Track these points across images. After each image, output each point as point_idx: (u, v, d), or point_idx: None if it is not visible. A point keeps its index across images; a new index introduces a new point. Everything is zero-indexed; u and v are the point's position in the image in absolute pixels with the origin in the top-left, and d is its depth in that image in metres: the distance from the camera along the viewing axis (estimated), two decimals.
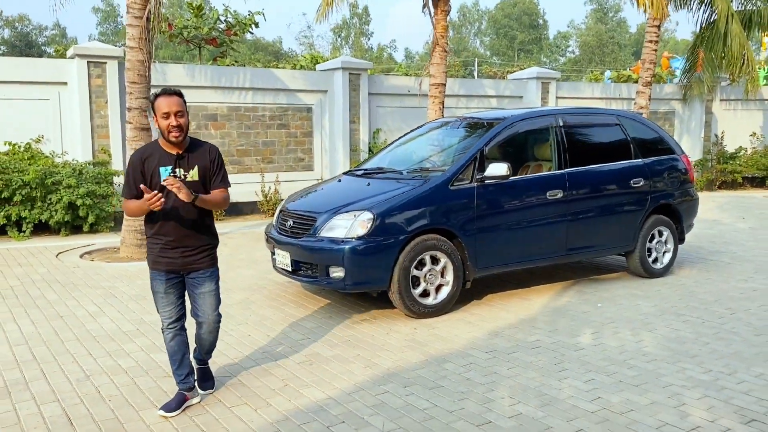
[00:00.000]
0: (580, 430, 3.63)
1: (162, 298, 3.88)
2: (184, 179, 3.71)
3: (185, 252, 3.81)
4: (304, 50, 63.77)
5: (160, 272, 3.84)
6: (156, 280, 3.86)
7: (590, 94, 16.36)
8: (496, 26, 67.35)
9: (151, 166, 3.73)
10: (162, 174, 3.71)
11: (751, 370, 4.51)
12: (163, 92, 3.71)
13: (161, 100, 3.67)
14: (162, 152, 3.76)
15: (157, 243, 3.82)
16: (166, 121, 3.66)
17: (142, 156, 3.78)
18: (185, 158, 3.77)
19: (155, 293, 3.90)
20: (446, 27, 10.99)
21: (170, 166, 3.72)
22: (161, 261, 3.82)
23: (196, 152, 3.82)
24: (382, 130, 13.82)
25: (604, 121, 7.07)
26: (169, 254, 3.80)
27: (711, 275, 7.30)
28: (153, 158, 3.75)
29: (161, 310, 3.91)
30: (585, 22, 72.84)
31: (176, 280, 3.87)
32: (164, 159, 3.74)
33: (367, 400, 4.04)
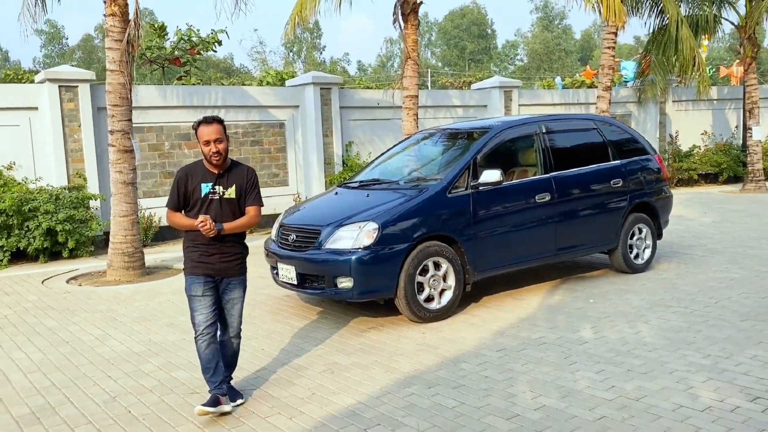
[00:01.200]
0: (603, 416, 3.86)
1: (199, 300, 4.14)
2: (222, 195, 4.14)
3: (222, 258, 4.17)
4: (257, 66, 63.64)
5: (199, 276, 4.14)
6: (195, 284, 4.15)
7: (550, 100, 16.89)
8: (447, 37, 68.41)
9: (194, 182, 4.14)
10: (203, 189, 4.13)
11: (745, 352, 4.83)
12: (204, 121, 4.13)
13: (203, 129, 4.09)
14: (205, 171, 4.18)
15: (196, 250, 4.17)
16: (207, 148, 4.08)
17: (187, 172, 4.21)
18: (225, 177, 4.18)
19: (192, 297, 4.16)
20: (416, 41, 11.27)
21: (211, 182, 4.13)
22: (200, 266, 4.15)
23: (235, 172, 4.24)
24: (355, 142, 14.00)
25: (582, 126, 7.42)
26: (208, 260, 4.14)
27: (689, 268, 7.69)
28: (197, 175, 4.17)
29: (198, 313, 4.15)
30: (531, 31, 74.61)
31: (212, 284, 4.18)
32: (206, 176, 4.16)
33: (396, 402, 4.19)
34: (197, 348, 4.16)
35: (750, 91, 15.68)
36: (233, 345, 4.39)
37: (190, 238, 4.20)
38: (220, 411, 4.06)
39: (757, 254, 8.29)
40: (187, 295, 4.19)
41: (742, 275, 7.20)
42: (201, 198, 4.12)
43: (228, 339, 4.36)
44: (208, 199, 4.13)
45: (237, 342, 4.41)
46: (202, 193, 4.12)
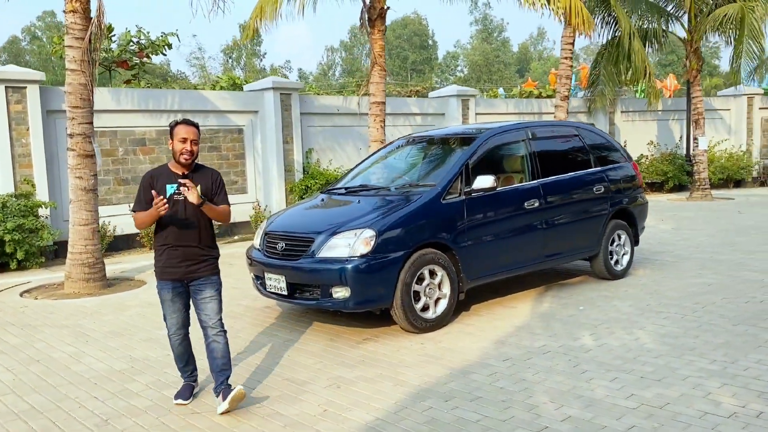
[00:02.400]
0: (632, 426, 3.77)
1: (169, 305, 4.28)
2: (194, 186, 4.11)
3: (189, 264, 4.22)
4: (196, 72, 62.28)
5: (166, 281, 4.25)
6: (163, 289, 4.27)
7: (505, 109, 17.07)
8: (389, 47, 68.61)
9: (159, 184, 4.19)
10: (168, 190, 4.16)
11: (749, 357, 4.86)
12: (183, 121, 4.25)
13: (182, 127, 4.19)
14: (170, 172, 4.24)
15: (162, 254, 4.24)
16: (182, 145, 4.16)
17: (152, 175, 4.28)
18: (189, 178, 4.18)
19: (163, 301, 4.30)
20: (383, 46, 11.13)
21: (176, 184, 4.14)
22: (167, 271, 4.24)
23: (200, 174, 4.30)
24: (315, 149, 13.75)
25: (565, 132, 7.44)
26: (173, 264, 4.21)
27: (664, 274, 7.80)
28: (162, 177, 4.22)
29: (168, 316, 4.30)
30: (471, 42, 75.87)
31: (181, 289, 4.26)
32: (171, 178, 4.21)
33: (416, 417, 4.00)
34: (170, 344, 4.38)
35: (696, 103, 16.25)
36: (219, 344, 4.25)
37: (160, 241, 4.26)
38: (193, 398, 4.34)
39: (724, 259, 8.49)
40: (159, 298, 4.32)
41: (718, 280, 7.34)
42: (165, 199, 4.09)
43: (212, 340, 4.24)
44: (173, 200, 4.14)
45: (222, 341, 4.27)
46: (167, 194, 4.14)
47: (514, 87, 55.73)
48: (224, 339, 4.27)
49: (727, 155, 19.01)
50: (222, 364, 4.24)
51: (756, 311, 6.06)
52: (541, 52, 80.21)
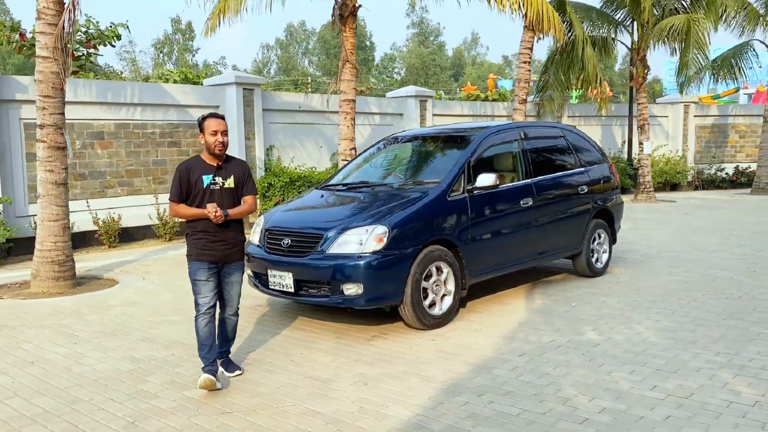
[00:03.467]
0: (668, 416, 3.90)
1: (203, 284, 4.47)
2: (222, 185, 4.48)
3: (225, 245, 4.51)
4: (126, 66, 60.13)
5: (204, 262, 4.47)
6: (200, 269, 4.47)
7: (460, 111, 17.33)
8: (326, 46, 68.38)
9: (195, 175, 4.46)
10: (204, 181, 4.45)
11: (749, 349, 5.10)
12: (211, 115, 4.55)
13: (211, 121, 4.48)
14: (204, 164, 4.52)
15: (201, 238, 4.47)
16: (214, 138, 4.44)
17: (188, 166, 4.51)
18: (223, 169, 4.53)
19: (197, 281, 4.48)
20: (354, 44, 11.09)
21: (211, 174, 4.46)
22: (206, 253, 4.47)
23: (232, 165, 4.60)
24: (276, 146, 13.55)
25: (551, 133, 7.61)
26: (213, 247, 4.47)
27: (638, 272, 8.08)
28: (197, 168, 4.49)
29: (201, 296, 4.47)
30: (407, 45, 76.52)
31: (215, 269, 4.52)
32: (206, 169, 4.49)
33: (455, 412, 4.00)
34: (196, 326, 4.47)
35: (641, 109, 16.94)
36: (232, 321, 4.73)
37: (195, 228, 4.48)
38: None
39: (689, 258, 8.88)
40: (192, 279, 4.50)
41: (691, 278, 7.67)
42: (203, 189, 4.42)
43: (228, 317, 4.69)
44: (209, 190, 4.44)
45: (236, 319, 4.75)
46: (204, 184, 4.43)
47: (451, 90, 56.45)
48: (237, 318, 4.76)
49: (665, 160, 19.90)
50: (230, 336, 4.77)
51: (738, 306, 6.36)
52: (474, 57, 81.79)
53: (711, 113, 21.65)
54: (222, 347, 4.70)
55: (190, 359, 5.07)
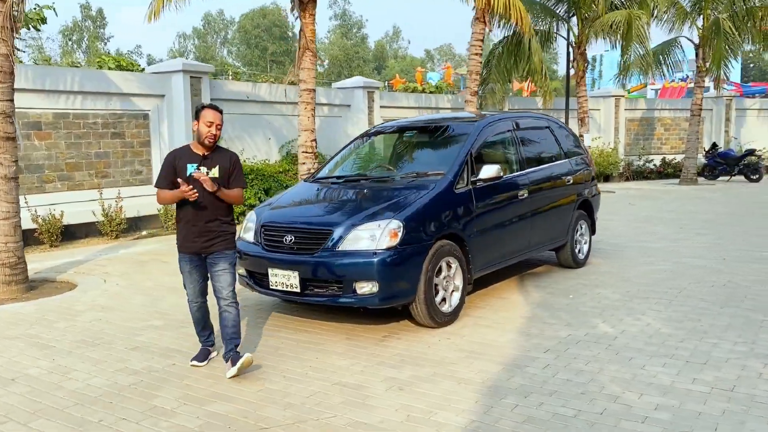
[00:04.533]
0: (725, 410, 3.82)
1: (187, 276, 4.60)
2: (206, 175, 4.37)
3: (205, 239, 4.48)
4: (31, 54, 56.55)
5: (185, 254, 4.55)
6: (182, 261, 4.59)
7: (406, 103, 17.18)
8: (247, 36, 66.74)
9: (180, 163, 4.46)
10: (188, 169, 4.42)
11: (761, 337, 5.14)
12: (210, 106, 4.54)
13: (209, 112, 4.47)
14: (191, 153, 4.52)
15: (183, 228, 4.51)
16: (208, 129, 4.43)
17: (175, 155, 4.55)
18: (209, 158, 4.50)
19: (182, 272, 4.62)
20: (314, 31, 10.67)
21: (197, 163, 4.43)
22: (186, 246, 4.53)
23: (219, 155, 4.56)
24: (223, 138, 12.89)
25: (539, 124, 7.52)
26: (192, 239, 4.49)
27: (616, 262, 8.14)
28: (184, 158, 4.48)
29: (187, 286, 4.63)
30: (328, 37, 75.80)
31: (198, 261, 4.55)
32: (192, 158, 4.48)
33: (511, 417, 3.78)
34: (189, 310, 4.73)
35: (581, 102, 17.31)
36: (231, 314, 4.54)
37: (180, 218, 4.53)
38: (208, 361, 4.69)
39: (657, 247, 9.05)
40: (180, 270, 4.62)
41: (670, 267, 7.77)
42: (186, 177, 4.37)
43: (224, 308, 4.53)
44: (192, 178, 4.36)
45: (234, 311, 4.55)
46: (187, 172, 4.40)
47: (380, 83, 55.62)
48: (235, 310, 4.56)
49: (598, 152, 20.46)
50: (232, 333, 4.53)
51: (728, 294, 6.47)
52: (397, 50, 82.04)
53: (639, 107, 22.47)
54: (227, 347, 4.55)
55: (197, 369, 4.62)
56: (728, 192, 16.97)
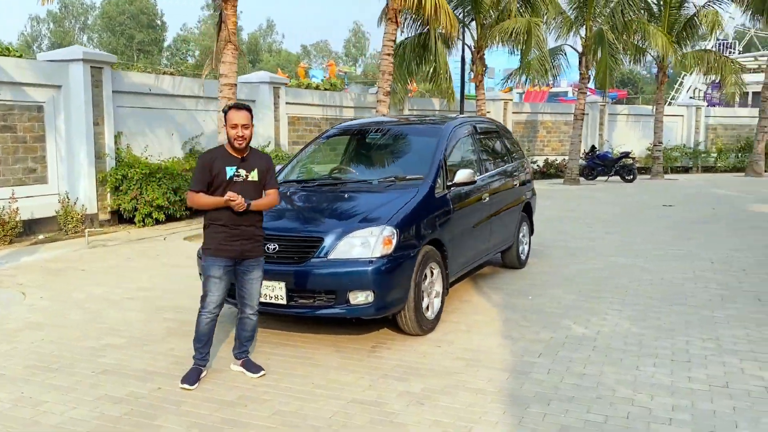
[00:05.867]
0: (735, 407, 4.03)
1: (215, 282, 4.29)
2: (245, 178, 4.30)
3: (244, 241, 4.31)
4: None
5: (221, 258, 4.28)
6: (215, 266, 4.28)
7: (311, 100, 16.87)
8: (111, 23, 62.63)
9: (218, 166, 4.27)
10: (228, 172, 4.26)
11: (722, 333, 5.49)
12: (235, 106, 4.33)
13: (232, 113, 4.28)
14: (228, 155, 4.34)
15: (221, 232, 4.28)
16: (234, 131, 4.25)
17: (212, 157, 4.34)
18: (247, 161, 4.35)
19: (209, 278, 4.29)
20: (236, 23, 10.16)
21: (235, 166, 4.28)
22: (224, 249, 4.28)
23: (255, 157, 4.44)
24: (125, 133, 11.99)
25: (491, 128, 7.61)
26: (231, 244, 4.27)
27: (549, 262, 8.42)
28: (220, 159, 4.31)
29: (211, 294, 4.30)
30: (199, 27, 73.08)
31: (230, 267, 4.35)
32: (230, 160, 4.30)
33: (546, 427, 3.77)
34: (198, 321, 4.35)
35: (480, 105, 17.85)
36: (253, 321, 4.54)
37: (216, 220, 4.29)
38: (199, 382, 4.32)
39: (580, 247, 9.48)
40: (204, 275, 4.33)
41: (601, 266, 8.15)
42: (226, 180, 4.24)
43: (248, 316, 4.50)
44: (232, 182, 4.26)
45: (256, 318, 4.55)
46: (227, 175, 4.25)
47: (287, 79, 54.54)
48: (257, 317, 4.56)
49: None
50: (250, 335, 4.58)
51: (669, 292, 6.87)
52: (271, 44, 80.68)
53: (525, 110, 23.57)
54: (241, 348, 4.60)
55: (189, 393, 4.22)
56: (611, 192, 18.19)
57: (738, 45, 44.03)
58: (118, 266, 8.15)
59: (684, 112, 26.35)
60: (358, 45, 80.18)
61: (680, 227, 11.40)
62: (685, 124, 26.23)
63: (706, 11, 20.82)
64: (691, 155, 25.66)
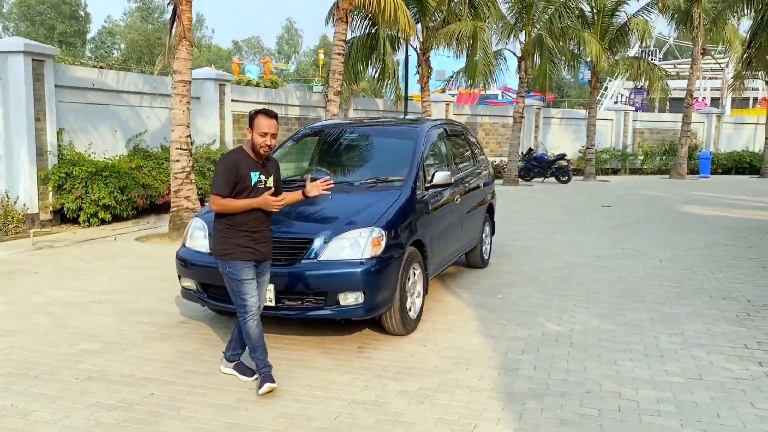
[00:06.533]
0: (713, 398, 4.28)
1: (249, 284, 4.22)
2: (264, 184, 4.26)
3: (266, 243, 4.32)
4: None
5: (249, 261, 4.22)
6: (246, 268, 4.21)
7: (255, 98, 16.63)
8: (30, 12, 59.66)
9: (243, 170, 4.19)
10: (253, 178, 4.22)
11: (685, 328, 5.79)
12: (264, 112, 4.22)
13: (263, 120, 4.17)
14: (250, 159, 4.25)
15: (243, 236, 4.20)
16: (263, 139, 4.17)
17: (236, 160, 4.23)
18: (266, 167, 4.33)
19: (243, 281, 4.20)
20: (191, 18, 9.95)
21: (258, 171, 4.24)
22: (250, 252, 4.22)
23: (270, 163, 4.39)
24: (66, 130, 11.53)
25: (458, 130, 7.74)
26: (255, 245, 4.23)
27: (509, 261, 8.65)
28: (245, 164, 4.21)
29: (249, 296, 4.21)
30: (124, 20, 70.68)
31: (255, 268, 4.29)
32: (253, 166, 4.24)
33: (546, 422, 3.90)
34: (247, 328, 4.22)
35: (426, 107, 18.08)
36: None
37: (238, 225, 4.19)
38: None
39: (533, 246, 9.77)
40: (236, 280, 4.21)
41: (557, 264, 8.43)
42: (251, 186, 4.19)
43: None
44: (256, 188, 4.21)
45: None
46: (252, 181, 4.20)
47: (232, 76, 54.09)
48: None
49: None
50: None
51: (628, 290, 7.17)
52: (200, 39, 78.88)
53: (464, 112, 24.02)
54: (236, 351, 4.54)
55: (186, 399, 4.13)
56: (549, 193, 18.79)
57: (659, 53, 46.29)
58: (72, 269, 7.84)
59: (613, 117, 27.47)
60: (291, 42, 79.50)
61: (622, 227, 11.91)
62: (614, 127, 27.36)
63: (637, 20, 21.78)
64: (619, 158, 26.79)
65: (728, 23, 24.01)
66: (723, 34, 24.22)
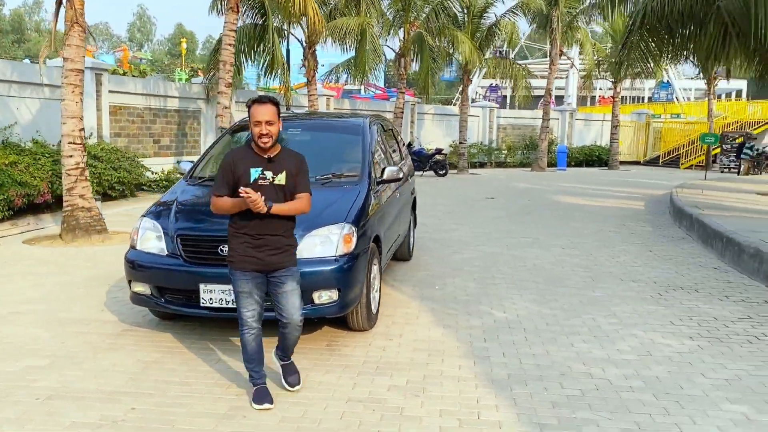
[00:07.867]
0: (669, 371, 4.68)
1: (246, 298, 3.92)
2: (272, 181, 3.88)
3: (272, 253, 3.90)
4: None
5: (246, 272, 3.89)
6: (242, 280, 3.90)
7: (134, 89, 15.69)
8: None
9: (241, 168, 3.87)
10: (252, 174, 3.85)
11: (615, 309, 6.27)
12: (258, 100, 3.87)
13: (256, 107, 3.83)
14: (254, 155, 3.91)
15: (243, 242, 3.89)
16: (256, 129, 3.82)
17: (234, 157, 3.94)
18: (275, 162, 3.91)
19: (238, 293, 3.93)
20: (83, 3, 9.18)
21: (261, 167, 3.87)
22: (248, 261, 3.88)
23: (285, 158, 3.97)
24: None
25: (387, 125, 7.77)
26: (255, 254, 3.87)
27: (428, 253, 8.83)
28: (245, 160, 3.90)
29: (245, 310, 3.93)
30: None
31: (260, 280, 3.94)
32: (255, 161, 3.89)
33: (539, 405, 4.08)
34: (243, 341, 3.99)
35: (312, 101, 17.95)
36: (294, 337, 4.12)
37: (238, 228, 3.92)
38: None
39: (445, 238, 10.04)
40: (234, 291, 3.96)
41: (477, 255, 8.74)
42: (250, 183, 3.82)
43: (289, 332, 4.07)
44: (257, 185, 3.83)
45: (298, 333, 4.11)
46: (251, 178, 3.85)
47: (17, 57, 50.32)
48: (299, 332, 4.11)
49: None
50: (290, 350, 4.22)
51: (548, 275, 7.61)
52: (39, 23, 72.82)
53: (345, 107, 24.09)
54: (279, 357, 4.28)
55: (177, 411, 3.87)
56: (432, 186, 19.34)
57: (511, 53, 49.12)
58: None
59: (480, 113, 28.81)
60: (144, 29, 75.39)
61: (512, 218, 12.57)
62: (481, 123, 28.71)
63: (506, 22, 22.98)
64: (486, 152, 28.16)
65: (581, 27, 26.00)
66: (575, 37, 26.21)
